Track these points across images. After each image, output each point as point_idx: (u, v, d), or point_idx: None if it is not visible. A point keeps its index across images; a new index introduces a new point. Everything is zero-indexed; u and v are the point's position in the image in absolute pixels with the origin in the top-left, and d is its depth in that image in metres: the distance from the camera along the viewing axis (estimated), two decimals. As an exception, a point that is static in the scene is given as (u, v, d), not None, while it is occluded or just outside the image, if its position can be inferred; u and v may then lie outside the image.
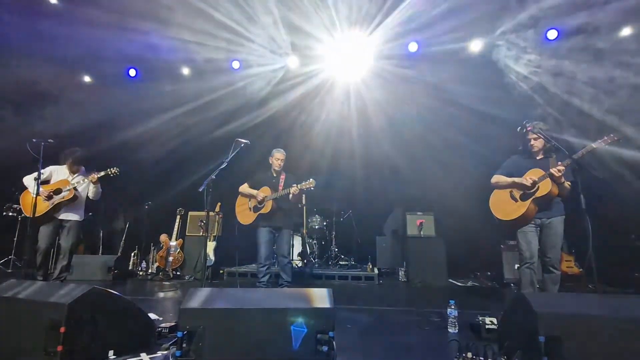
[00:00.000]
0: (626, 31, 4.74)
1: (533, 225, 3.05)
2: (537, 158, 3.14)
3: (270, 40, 5.52)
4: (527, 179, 2.97)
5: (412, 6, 4.70)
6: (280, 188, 3.99)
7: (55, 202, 3.80)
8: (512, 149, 3.41)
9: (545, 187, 2.89)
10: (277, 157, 4.14)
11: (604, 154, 3.51)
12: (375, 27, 5.11)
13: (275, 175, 4.15)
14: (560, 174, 2.80)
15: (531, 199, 2.96)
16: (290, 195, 3.81)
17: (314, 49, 5.59)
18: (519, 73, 5.44)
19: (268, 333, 1.86)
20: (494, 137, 5.46)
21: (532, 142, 3.10)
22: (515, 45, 5.22)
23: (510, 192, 3.13)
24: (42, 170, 3.78)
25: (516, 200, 3.07)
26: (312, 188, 3.78)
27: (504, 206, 3.13)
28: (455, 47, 5.37)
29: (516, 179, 3.06)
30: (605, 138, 2.74)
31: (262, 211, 3.95)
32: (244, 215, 4.13)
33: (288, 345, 1.82)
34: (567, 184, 2.89)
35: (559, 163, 2.85)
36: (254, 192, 4.02)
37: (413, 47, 5.40)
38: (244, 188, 4.14)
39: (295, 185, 3.79)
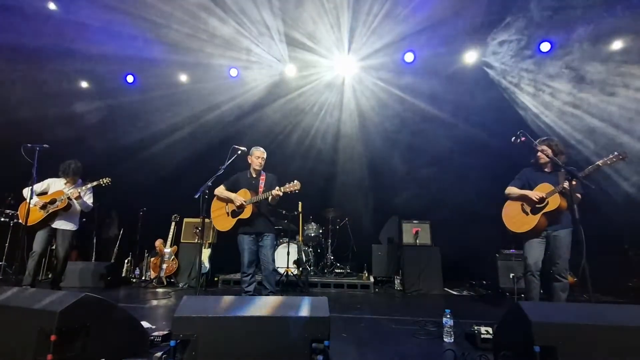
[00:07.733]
0: (617, 45, 4.85)
1: (541, 237, 3.16)
2: (546, 170, 3.24)
3: (268, 49, 5.58)
4: (535, 195, 3.10)
5: (407, 17, 4.78)
6: (261, 190, 3.69)
7: (50, 211, 3.95)
8: (509, 159, 3.50)
9: (555, 202, 3.02)
10: (258, 155, 3.78)
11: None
12: (373, 35, 5.17)
13: (255, 175, 3.82)
14: (569, 189, 2.86)
15: (541, 212, 3.08)
16: (270, 198, 3.53)
17: (311, 57, 5.65)
18: (512, 84, 5.53)
19: (262, 341, 1.83)
20: (490, 147, 5.53)
21: (539, 154, 3.21)
22: (508, 57, 5.31)
23: (522, 205, 3.25)
24: (40, 183, 4.04)
25: (527, 214, 3.20)
26: (297, 191, 3.49)
27: (516, 219, 3.27)
28: (451, 59, 5.48)
29: (526, 192, 3.20)
30: (611, 156, 2.80)
31: (241, 216, 3.62)
32: (221, 220, 3.76)
33: (283, 354, 1.80)
34: (577, 195, 2.96)
35: (569, 180, 2.85)
36: (232, 195, 3.67)
37: (409, 57, 5.48)
38: (221, 191, 3.77)
39: (277, 188, 3.51)
